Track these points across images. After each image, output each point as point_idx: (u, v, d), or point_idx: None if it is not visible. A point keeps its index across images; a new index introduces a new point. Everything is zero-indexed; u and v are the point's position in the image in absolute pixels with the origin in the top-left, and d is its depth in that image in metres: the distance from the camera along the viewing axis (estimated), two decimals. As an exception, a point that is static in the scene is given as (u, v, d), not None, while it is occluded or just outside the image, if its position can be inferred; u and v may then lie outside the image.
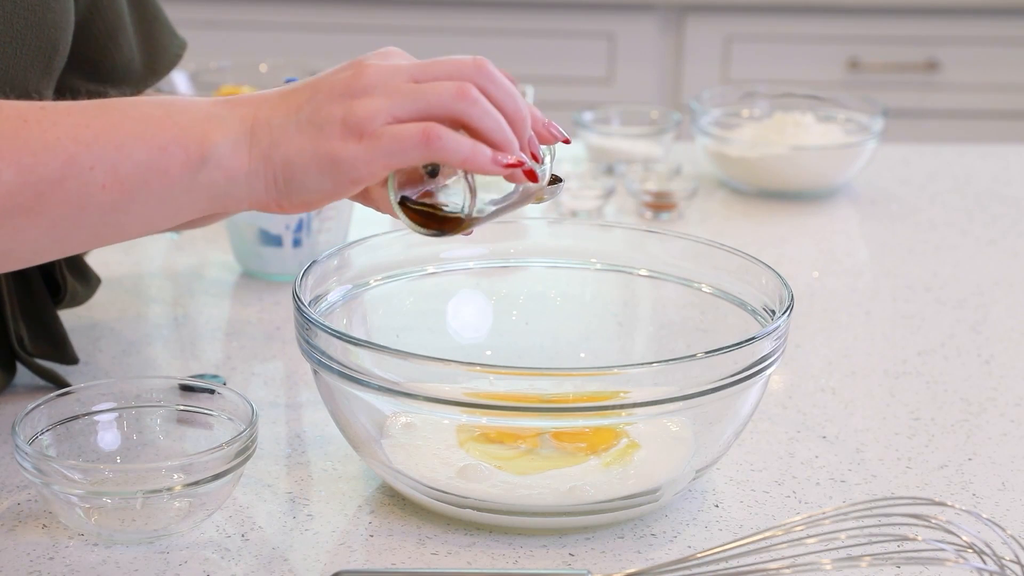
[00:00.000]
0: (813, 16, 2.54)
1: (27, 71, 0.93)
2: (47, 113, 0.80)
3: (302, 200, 0.82)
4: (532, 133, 0.84)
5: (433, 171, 0.82)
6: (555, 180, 0.88)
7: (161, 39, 1.10)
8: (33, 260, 0.84)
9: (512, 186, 0.85)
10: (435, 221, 0.83)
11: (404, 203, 0.83)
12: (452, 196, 0.83)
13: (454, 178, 0.82)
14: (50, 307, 1.05)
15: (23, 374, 1.05)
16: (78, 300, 1.09)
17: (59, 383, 1.04)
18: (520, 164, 0.82)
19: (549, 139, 0.86)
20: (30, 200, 0.79)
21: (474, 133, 0.81)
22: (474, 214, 0.83)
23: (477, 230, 1.04)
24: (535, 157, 0.84)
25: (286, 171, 0.81)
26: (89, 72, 1.03)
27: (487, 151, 0.81)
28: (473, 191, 0.82)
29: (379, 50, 0.83)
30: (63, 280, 1.05)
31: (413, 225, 0.84)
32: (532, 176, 0.83)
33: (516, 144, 0.82)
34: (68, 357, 1.07)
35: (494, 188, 0.84)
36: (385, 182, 0.83)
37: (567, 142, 0.86)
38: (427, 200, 0.83)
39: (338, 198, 0.82)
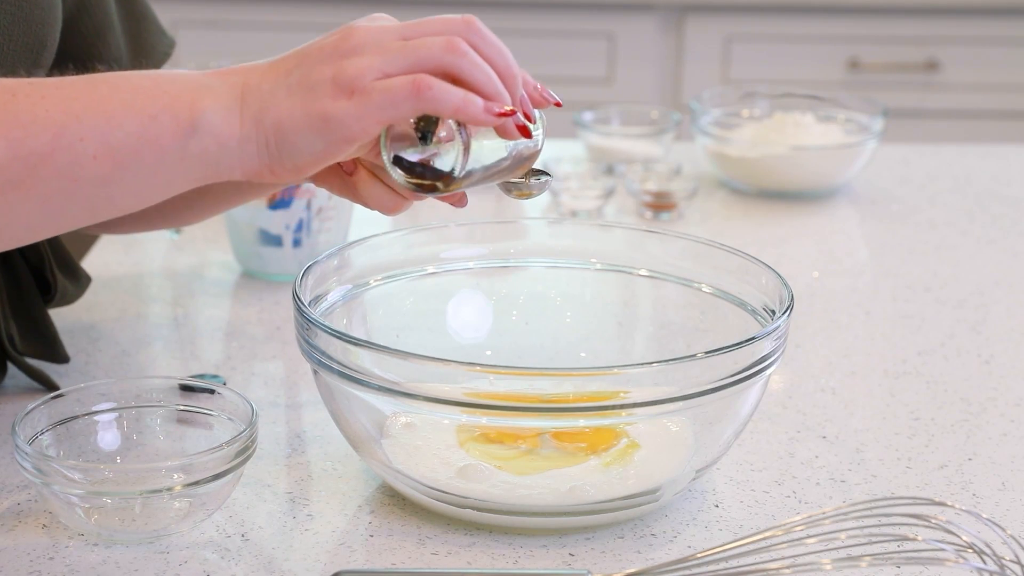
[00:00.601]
0: (813, 16, 2.54)
1: (15, 66, 0.93)
2: (36, 87, 0.80)
3: (294, 164, 0.81)
4: (524, 93, 0.84)
5: (425, 133, 0.82)
6: (543, 175, 0.88)
7: (149, 38, 1.10)
8: (27, 238, 0.84)
9: (504, 152, 0.84)
10: (427, 181, 0.83)
11: (397, 161, 0.83)
12: (445, 158, 0.82)
13: (447, 142, 0.82)
14: (40, 306, 1.05)
15: (21, 374, 1.05)
16: (68, 299, 1.09)
17: (49, 385, 1.04)
18: (512, 113, 0.81)
19: (541, 102, 0.85)
20: (21, 174, 0.79)
21: (465, 86, 0.80)
22: (466, 170, 0.82)
23: (477, 229, 1.04)
24: (528, 116, 0.83)
25: (278, 134, 0.80)
26: (77, 70, 1.03)
27: (479, 100, 0.80)
28: (466, 146, 0.81)
29: (367, 16, 0.83)
30: (53, 279, 1.05)
31: (405, 182, 0.83)
32: (525, 132, 0.82)
33: (507, 97, 0.81)
34: (59, 356, 1.07)
35: (486, 158, 0.84)
36: (376, 165, 0.84)
37: (559, 105, 0.85)
38: (419, 159, 0.83)
39: (330, 160, 0.81)
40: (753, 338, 0.86)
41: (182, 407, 0.94)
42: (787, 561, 0.79)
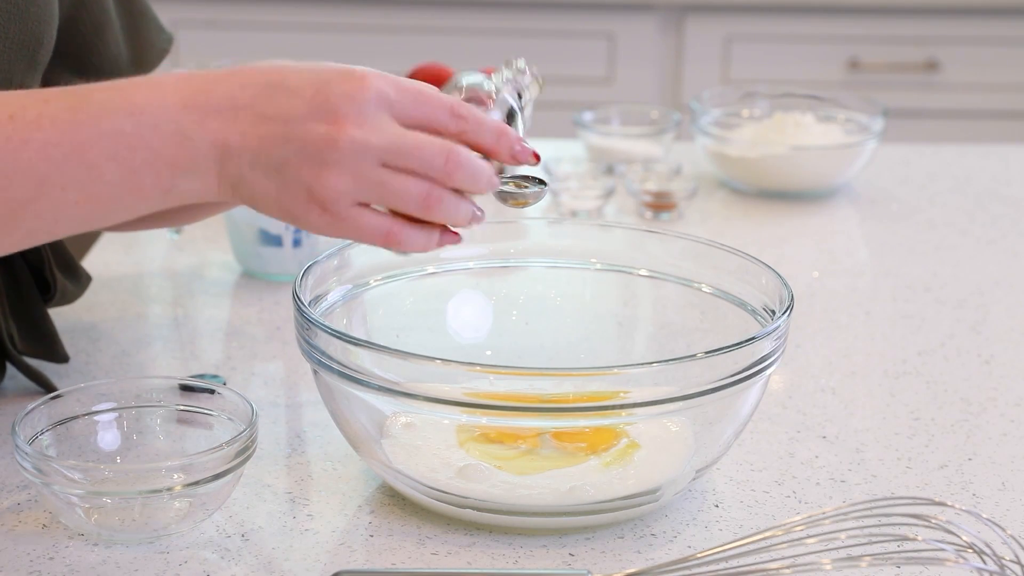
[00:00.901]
0: (813, 16, 2.54)
1: (12, 64, 0.93)
2: (17, 129, 0.80)
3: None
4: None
5: None
6: (539, 183, 0.88)
7: (148, 34, 1.10)
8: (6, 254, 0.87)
9: None
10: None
11: None
12: None
13: None
14: (40, 305, 1.05)
15: (20, 374, 1.05)
16: (68, 299, 1.09)
17: (47, 386, 1.04)
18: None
19: (517, 162, 0.86)
20: (3, 219, 0.81)
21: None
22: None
23: (477, 229, 1.04)
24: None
25: (251, 203, 0.83)
26: (76, 67, 1.03)
27: (435, 244, 0.84)
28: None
29: (354, 74, 0.81)
30: (53, 278, 1.05)
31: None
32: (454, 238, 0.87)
33: (466, 224, 0.85)
34: (59, 356, 1.07)
35: None
36: None
37: (537, 159, 0.86)
38: None
39: None
40: (753, 338, 0.86)
41: (182, 407, 0.94)
42: (787, 561, 0.79)
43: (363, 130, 0.80)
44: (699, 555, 0.80)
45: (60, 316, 1.14)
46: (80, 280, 1.10)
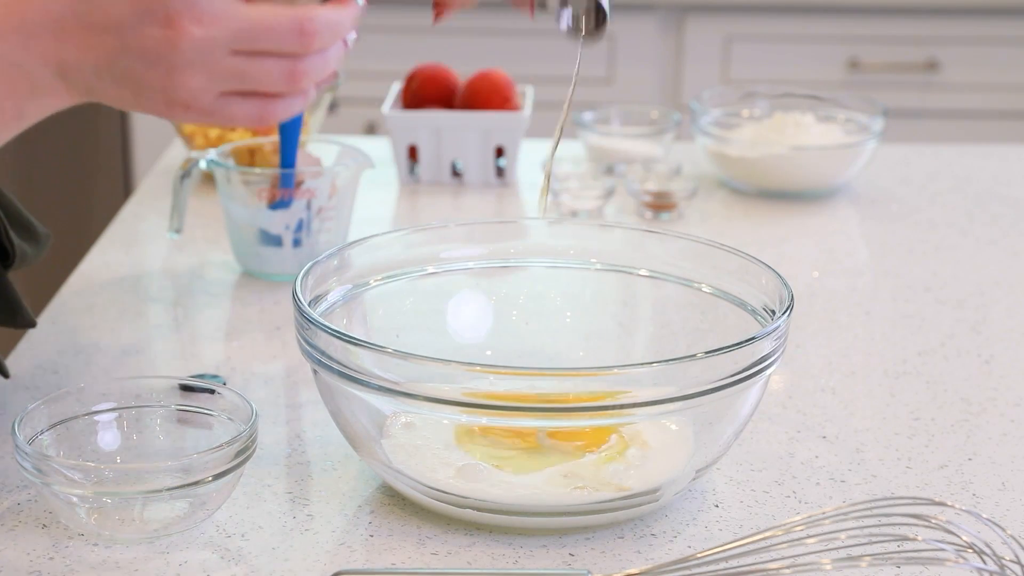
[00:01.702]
0: (813, 16, 2.54)
1: None
2: None
3: None
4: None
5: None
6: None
7: None
8: None
9: None
10: None
11: None
12: None
13: None
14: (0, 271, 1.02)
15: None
16: (29, 260, 1.05)
17: (2, 372, 1.02)
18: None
19: None
20: None
21: None
22: None
23: (477, 229, 1.05)
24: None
25: (115, 106, 0.78)
26: None
27: (314, 95, 0.81)
28: None
29: None
30: (10, 243, 1.01)
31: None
32: None
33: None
34: (23, 321, 1.04)
35: None
36: None
37: None
38: None
39: None
40: (753, 338, 0.86)
41: (182, 407, 0.94)
42: (787, 561, 0.79)
43: (202, 25, 0.74)
44: (699, 555, 0.80)
45: (61, 316, 1.14)
46: (39, 240, 1.06)
